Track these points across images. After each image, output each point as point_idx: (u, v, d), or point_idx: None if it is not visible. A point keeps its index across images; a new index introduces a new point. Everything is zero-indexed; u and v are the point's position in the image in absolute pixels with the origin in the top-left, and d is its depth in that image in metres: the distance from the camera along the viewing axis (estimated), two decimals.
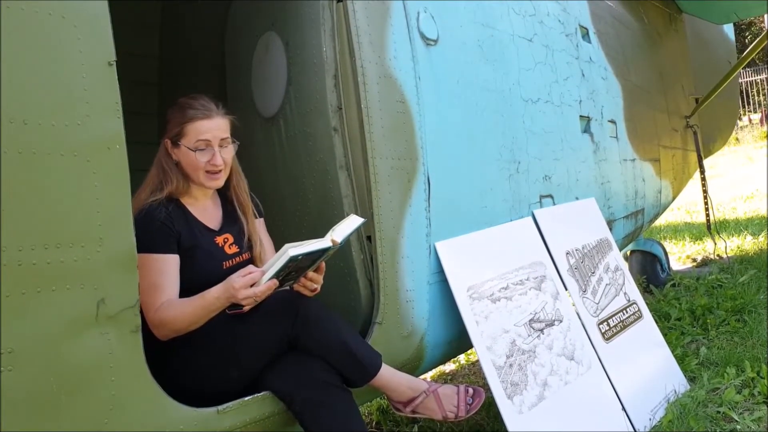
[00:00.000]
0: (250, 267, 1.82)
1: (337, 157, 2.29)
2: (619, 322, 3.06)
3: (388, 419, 3.15)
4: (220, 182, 2.04)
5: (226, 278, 1.81)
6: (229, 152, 2.03)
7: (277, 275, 1.78)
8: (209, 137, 1.96)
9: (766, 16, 8.14)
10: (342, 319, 2.04)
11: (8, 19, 1.39)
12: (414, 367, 2.39)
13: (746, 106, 16.97)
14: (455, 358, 3.78)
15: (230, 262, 2.02)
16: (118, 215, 1.56)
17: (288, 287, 1.93)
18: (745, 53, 5.54)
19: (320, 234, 1.87)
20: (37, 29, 1.44)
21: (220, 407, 1.77)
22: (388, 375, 2.04)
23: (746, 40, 19.37)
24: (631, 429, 2.64)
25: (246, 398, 1.84)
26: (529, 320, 2.57)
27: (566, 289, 2.91)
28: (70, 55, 1.49)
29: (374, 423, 3.17)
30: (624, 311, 3.15)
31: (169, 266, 1.88)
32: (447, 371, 3.85)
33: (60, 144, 1.46)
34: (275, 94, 2.49)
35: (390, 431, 3.08)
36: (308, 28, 2.32)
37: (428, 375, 3.59)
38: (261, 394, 1.88)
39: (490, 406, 2.70)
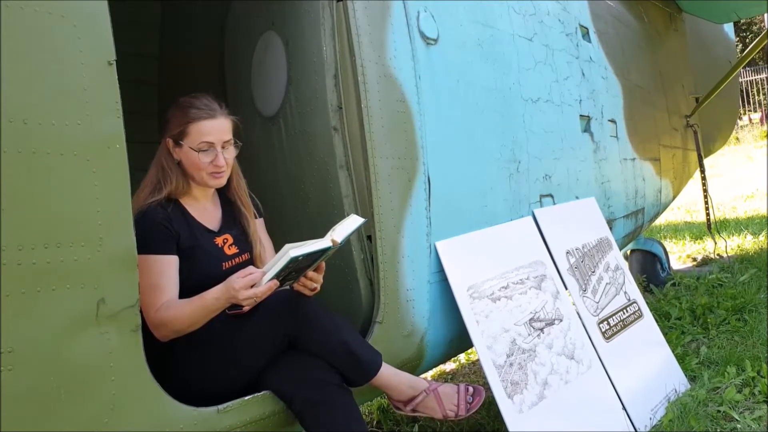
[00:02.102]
0: (251, 268, 1.81)
1: (337, 156, 2.29)
2: (619, 322, 3.06)
3: (388, 418, 3.15)
4: (222, 181, 2.03)
5: (225, 279, 1.80)
6: (231, 153, 2.03)
7: (277, 276, 1.78)
8: (212, 139, 1.95)
9: (766, 15, 8.14)
10: (342, 318, 2.04)
11: (8, 19, 1.39)
12: (414, 366, 2.39)
13: (746, 106, 16.95)
14: (455, 358, 3.78)
15: (230, 262, 2.02)
16: (118, 214, 1.56)
17: (288, 287, 1.93)
18: (745, 53, 5.54)
19: (320, 234, 1.87)
20: (36, 28, 1.44)
21: (220, 407, 1.77)
22: (388, 374, 2.04)
23: (746, 40, 19.35)
24: (632, 428, 2.64)
25: (246, 398, 1.84)
26: (529, 319, 2.57)
27: (566, 289, 2.91)
28: (70, 54, 1.49)
29: (375, 422, 3.17)
30: (624, 310, 3.15)
31: (168, 267, 1.88)
32: (447, 370, 3.85)
33: (60, 143, 1.46)
34: (275, 94, 2.49)
35: (390, 430, 3.08)
36: (308, 27, 2.32)
37: (429, 374, 3.58)
38: (261, 393, 1.88)
39: (491, 405, 2.70)
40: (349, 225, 1.90)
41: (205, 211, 2.06)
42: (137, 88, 3.32)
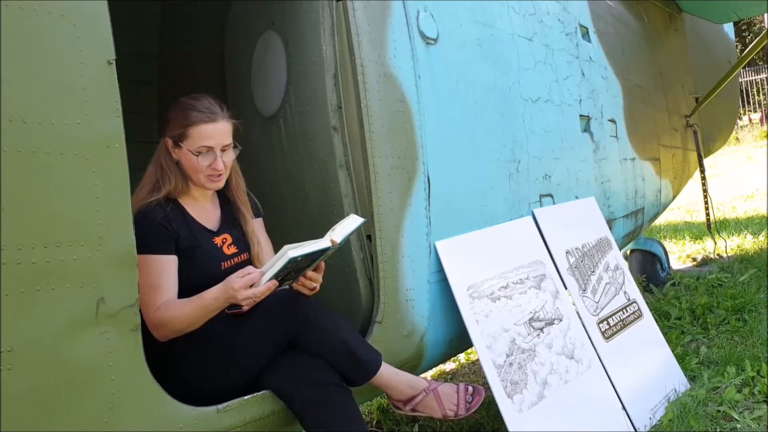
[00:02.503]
0: (249, 268, 1.82)
1: (336, 156, 2.29)
2: (618, 321, 3.06)
3: (388, 418, 3.15)
4: (220, 184, 2.04)
5: (224, 279, 1.81)
6: (231, 156, 2.02)
7: (276, 276, 1.78)
8: (212, 143, 1.95)
9: (766, 15, 8.14)
10: (341, 318, 2.04)
11: (7, 18, 1.39)
12: (414, 366, 2.39)
13: (746, 106, 16.95)
14: (455, 357, 3.78)
15: (229, 262, 2.02)
16: (118, 214, 1.56)
17: (287, 286, 1.93)
18: (745, 53, 5.54)
19: (320, 233, 1.87)
20: (36, 28, 1.44)
21: (219, 406, 1.77)
22: (387, 374, 2.04)
23: (746, 40, 19.35)
24: (632, 428, 2.64)
25: (245, 397, 1.84)
26: (529, 319, 2.57)
27: (566, 288, 2.91)
28: (70, 53, 1.49)
29: (375, 422, 3.17)
30: (624, 310, 3.15)
31: (167, 267, 1.88)
32: (447, 370, 3.85)
33: (59, 143, 1.46)
34: (275, 94, 2.49)
35: (390, 430, 3.09)
36: (308, 27, 2.32)
37: (428, 374, 3.58)
38: (261, 393, 1.88)
39: (490, 405, 2.70)
40: (348, 225, 1.90)
41: (204, 211, 2.06)
42: (137, 88, 3.33)
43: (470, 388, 2.14)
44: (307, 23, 2.33)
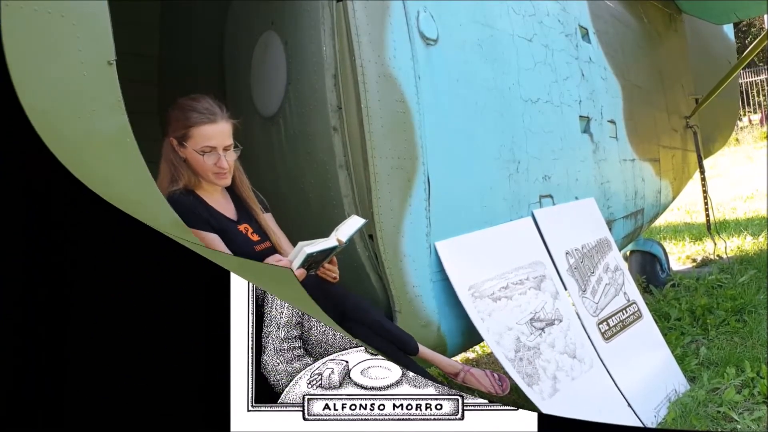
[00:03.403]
0: (277, 256, 1.92)
1: (336, 156, 2.29)
2: (618, 322, 3.06)
3: None
4: (227, 181, 2.08)
5: (260, 260, 1.90)
6: (232, 156, 2.07)
7: (302, 265, 1.87)
8: (214, 143, 1.99)
9: (766, 16, 8.14)
10: (371, 304, 2.16)
11: (7, 18, 1.39)
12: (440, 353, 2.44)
13: (746, 107, 16.93)
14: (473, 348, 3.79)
15: (259, 246, 2.08)
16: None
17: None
18: (745, 53, 5.53)
19: (320, 234, 1.91)
20: (35, 27, 1.44)
21: None
22: (426, 352, 2.17)
23: (746, 41, 19.36)
24: (641, 424, 2.64)
25: None
26: (530, 319, 2.58)
27: (566, 289, 2.91)
28: (69, 53, 1.48)
29: None
30: (623, 311, 3.15)
31: (215, 243, 1.95)
32: (470, 358, 3.85)
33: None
34: (275, 94, 2.49)
35: None
36: (308, 27, 2.32)
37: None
38: None
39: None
40: (351, 225, 1.96)
41: (220, 204, 2.11)
42: (137, 88, 3.32)
43: (496, 375, 2.25)
44: (306, 23, 2.33)
